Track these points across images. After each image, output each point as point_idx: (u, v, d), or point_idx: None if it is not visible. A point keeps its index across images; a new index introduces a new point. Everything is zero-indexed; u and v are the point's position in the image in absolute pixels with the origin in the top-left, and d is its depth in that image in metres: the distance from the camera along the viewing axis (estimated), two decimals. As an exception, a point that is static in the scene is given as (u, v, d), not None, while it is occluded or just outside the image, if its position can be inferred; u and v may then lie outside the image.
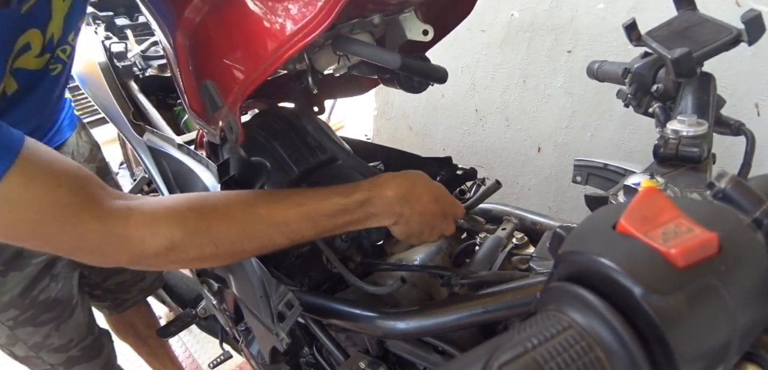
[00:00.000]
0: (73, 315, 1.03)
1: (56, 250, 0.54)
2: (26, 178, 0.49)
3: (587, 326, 0.24)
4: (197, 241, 0.57)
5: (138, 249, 0.55)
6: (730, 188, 0.29)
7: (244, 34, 0.55)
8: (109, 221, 0.53)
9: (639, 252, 0.24)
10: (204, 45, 0.60)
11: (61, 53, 0.78)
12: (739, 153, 0.65)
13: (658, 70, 0.70)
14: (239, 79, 0.57)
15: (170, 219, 0.56)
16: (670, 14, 0.67)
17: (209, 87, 0.60)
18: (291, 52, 0.52)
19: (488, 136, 1.87)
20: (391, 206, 0.63)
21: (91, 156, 1.11)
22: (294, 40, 0.51)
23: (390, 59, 0.57)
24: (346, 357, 0.76)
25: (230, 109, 0.59)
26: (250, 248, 0.61)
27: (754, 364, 0.26)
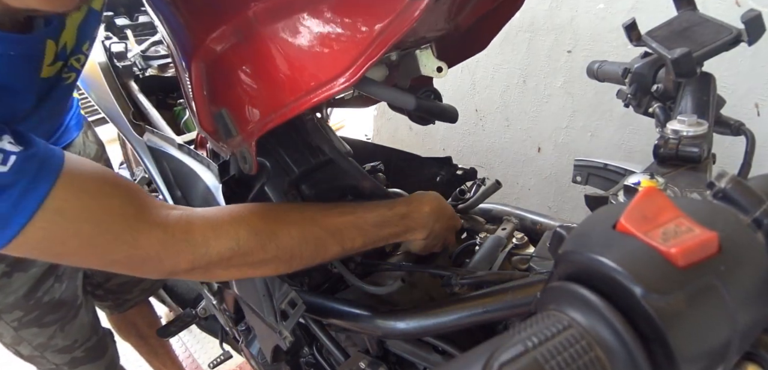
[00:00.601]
0: (78, 316, 1.03)
1: (110, 263, 0.53)
2: (77, 190, 0.49)
3: (587, 326, 0.24)
4: (261, 242, 0.58)
5: (202, 251, 0.55)
6: (730, 187, 0.29)
7: (269, 74, 0.55)
8: (169, 227, 0.53)
9: (639, 252, 0.24)
10: (223, 74, 0.59)
11: (74, 62, 0.78)
12: (739, 153, 0.65)
13: (658, 70, 0.70)
14: (258, 115, 0.57)
15: (235, 221, 0.57)
16: (670, 14, 0.67)
17: (224, 115, 0.59)
18: (315, 101, 0.52)
19: (488, 136, 1.87)
20: (426, 220, 0.67)
21: (96, 156, 1.11)
22: (319, 92, 0.51)
23: (406, 101, 0.60)
24: (346, 357, 0.76)
25: (245, 140, 0.59)
26: (307, 255, 0.62)
27: (755, 363, 0.26)
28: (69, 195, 0.48)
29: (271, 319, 0.71)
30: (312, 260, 0.63)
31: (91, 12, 0.74)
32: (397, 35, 0.46)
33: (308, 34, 0.51)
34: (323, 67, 0.51)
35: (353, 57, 0.48)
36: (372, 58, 0.47)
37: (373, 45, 0.47)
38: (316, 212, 0.63)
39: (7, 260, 0.86)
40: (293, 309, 0.70)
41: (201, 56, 0.58)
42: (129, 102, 1.16)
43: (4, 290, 0.88)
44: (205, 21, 0.56)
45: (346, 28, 0.49)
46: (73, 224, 0.48)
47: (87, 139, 1.09)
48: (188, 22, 0.59)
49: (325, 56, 0.51)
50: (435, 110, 0.64)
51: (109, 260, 0.52)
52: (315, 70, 0.52)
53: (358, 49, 0.48)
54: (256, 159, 0.61)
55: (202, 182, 0.85)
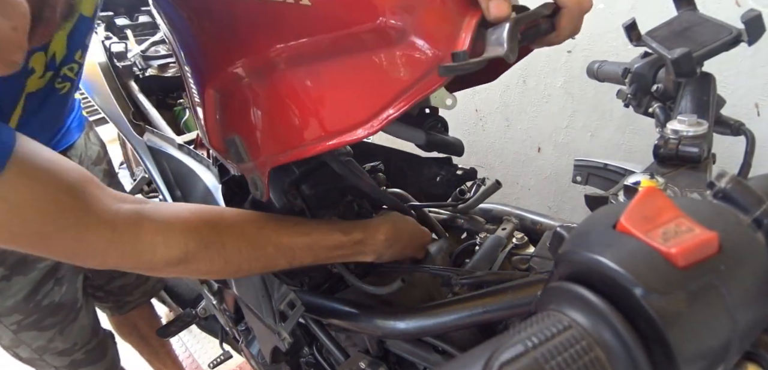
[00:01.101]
0: (77, 319, 1.02)
1: (53, 253, 0.52)
2: (25, 177, 0.47)
3: (587, 326, 0.24)
4: (209, 254, 0.57)
5: (148, 257, 0.54)
6: (730, 187, 0.29)
7: (287, 114, 0.54)
8: (117, 226, 0.52)
9: (639, 252, 0.24)
10: (239, 103, 0.58)
11: (68, 72, 0.76)
12: (739, 153, 0.65)
13: (658, 70, 0.70)
14: (272, 149, 0.56)
15: (185, 230, 0.56)
16: (670, 14, 0.67)
17: (237, 142, 0.59)
18: (331, 146, 0.51)
19: (488, 136, 1.87)
20: (378, 247, 0.68)
21: (98, 158, 1.10)
22: (337, 138, 0.51)
23: (415, 137, 0.61)
24: (346, 357, 0.76)
25: (257, 167, 0.59)
26: (255, 268, 0.63)
27: (755, 363, 0.26)
28: (17, 182, 0.46)
29: (270, 320, 0.71)
30: (260, 272, 0.65)
31: (82, 19, 0.73)
32: (422, 95, 0.46)
33: (331, 83, 0.50)
34: (344, 115, 0.50)
35: (375, 110, 0.48)
36: (393, 114, 0.47)
37: (396, 101, 0.47)
38: (271, 229, 0.63)
39: (7, 263, 0.85)
40: (292, 310, 0.70)
41: (217, 83, 0.58)
42: (129, 102, 1.16)
43: (4, 294, 0.87)
44: (226, 52, 0.55)
45: (369, 81, 0.48)
46: (19, 211, 0.47)
47: (89, 140, 1.08)
48: (207, 49, 0.58)
49: (346, 105, 0.50)
50: (443, 145, 0.66)
51: (55, 251, 0.51)
52: (335, 117, 0.51)
53: (381, 103, 0.48)
54: (268, 188, 0.60)
55: (201, 183, 0.85)
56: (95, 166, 1.09)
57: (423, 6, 0.45)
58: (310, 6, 0.46)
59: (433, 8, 0.45)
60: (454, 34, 0.45)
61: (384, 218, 0.72)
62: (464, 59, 0.41)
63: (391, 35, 0.45)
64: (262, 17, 0.50)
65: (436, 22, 0.45)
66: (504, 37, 0.41)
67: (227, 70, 0.56)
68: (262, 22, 0.50)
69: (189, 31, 0.58)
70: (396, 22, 0.44)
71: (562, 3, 0.48)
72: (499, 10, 0.43)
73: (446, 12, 0.45)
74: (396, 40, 0.45)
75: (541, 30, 0.49)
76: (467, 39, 0.44)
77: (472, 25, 0.44)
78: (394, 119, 0.47)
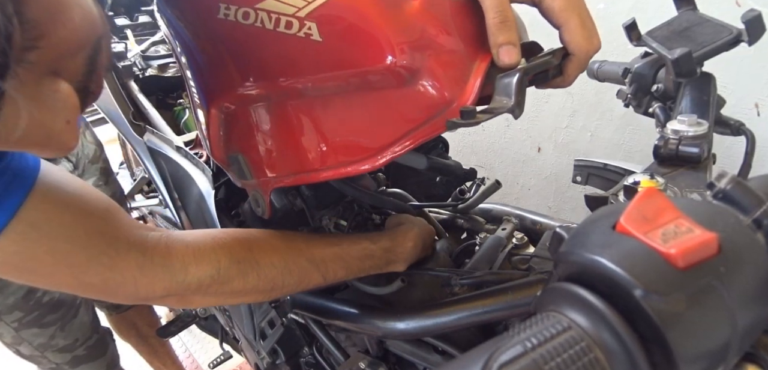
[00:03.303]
0: (78, 315, 1.03)
1: (84, 286, 0.49)
2: (53, 204, 0.46)
3: (587, 327, 0.24)
4: (242, 270, 0.56)
5: (180, 278, 0.53)
6: (731, 188, 0.29)
7: (292, 141, 0.53)
8: (147, 249, 0.51)
9: (639, 252, 0.24)
10: (244, 124, 0.57)
11: None
12: (740, 153, 0.65)
13: (658, 70, 0.70)
14: (276, 171, 0.56)
15: (217, 248, 0.55)
16: (670, 14, 0.67)
17: (240, 160, 0.58)
18: (336, 176, 0.51)
19: (488, 136, 1.87)
20: (409, 255, 0.68)
21: (95, 156, 1.12)
22: (341, 170, 0.51)
23: (417, 162, 0.61)
24: (346, 357, 0.76)
25: (260, 186, 0.59)
26: (290, 284, 0.60)
27: (754, 364, 0.26)
28: (44, 208, 0.45)
29: (251, 336, 0.71)
30: (293, 290, 0.62)
31: None
32: (427, 137, 0.46)
33: (339, 116, 0.50)
34: (349, 148, 0.50)
35: (380, 146, 0.48)
36: (398, 152, 0.47)
37: (401, 140, 0.47)
38: (301, 242, 0.62)
39: None
40: (272, 330, 0.69)
41: (222, 102, 0.57)
42: (129, 102, 1.16)
43: (4, 292, 0.88)
44: (233, 75, 0.54)
45: (377, 118, 0.48)
46: (48, 239, 0.45)
47: (85, 139, 1.09)
48: (213, 68, 0.57)
49: (352, 139, 0.50)
50: (444, 169, 0.66)
51: (84, 283, 0.49)
52: (340, 149, 0.51)
53: (387, 140, 0.48)
54: (269, 206, 0.60)
55: (196, 187, 0.85)
56: (92, 164, 1.10)
57: (434, 49, 0.45)
58: (321, 42, 0.46)
59: (444, 51, 0.45)
60: (464, 78, 0.45)
61: (408, 226, 0.71)
62: (472, 117, 0.40)
63: (402, 76, 0.45)
64: (272, 48, 0.49)
65: (446, 66, 0.45)
66: (512, 89, 0.41)
67: (233, 92, 0.55)
68: (272, 53, 0.50)
69: (195, 48, 0.57)
70: (407, 63, 0.44)
71: (572, 50, 0.47)
72: (509, 58, 0.44)
73: (457, 55, 0.46)
74: (405, 81, 0.45)
75: (549, 76, 0.49)
76: (476, 85, 0.44)
77: (482, 70, 0.45)
78: (400, 156, 0.48)
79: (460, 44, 0.46)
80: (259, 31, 0.48)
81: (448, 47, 0.45)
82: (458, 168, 0.68)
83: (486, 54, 0.45)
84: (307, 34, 0.46)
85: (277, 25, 0.46)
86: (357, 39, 0.45)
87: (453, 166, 0.67)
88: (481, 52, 0.46)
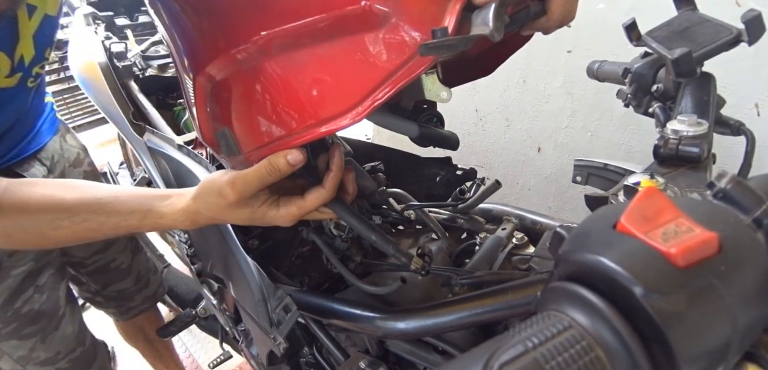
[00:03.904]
0: (60, 327, 1.00)
1: None
2: None
3: (588, 326, 0.24)
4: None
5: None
6: (731, 187, 0.29)
7: (273, 104, 0.54)
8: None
9: (639, 252, 0.24)
10: (228, 95, 0.58)
11: (38, 69, 0.78)
12: (739, 153, 0.65)
13: (658, 70, 0.70)
14: (261, 141, 0.56)
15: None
16: (670, 14, 0.67)
17: (227, 135, 0.59)
18: (318, 135, 0.51)
19: (488, 136, 1.87)
20: (178, 212, 0.63)
21: (77, 160, 1.09)
22: (324, 127, 0.51)
23: (408, 129, 0.60)
24: (346, 357, 0.76)
25: (247, 159, 0.59)
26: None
27: (755, 363, 0.26)
28: None
29: (266, 325, 0.71)
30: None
31: (46, 19, 0.73)
32: (407, 79, 0.45)
33: (317, 68, 0.50)
34: (330, 101, 0.50)
35: (360, 96, 0.48)
36: (379, 98, 0.47)
37: (382, 85, 0.47)
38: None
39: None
40: (287, 315, 0.69)
41: (206, 75, 0.58)
42: (129, 102, 1.16)
43: None
44: (214, 41, 0.55)
45: (355, 65, 0.48)
46: None
47: (65, 142, 1.06)
48: (197, 38, 0.58)
49: (332, 91, 0.50)
50: (437, 138, 0.64)
51: None
52: (321, 104, 0.51)
53: (366, 89, 0.47)
54: None
55: (200, 182, 0.85)
56: (74, 168, 1.07)
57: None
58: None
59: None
60: (439, 17, 0.44)
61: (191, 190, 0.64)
62: (444, 35, 0.40)
63: (376, 18, 0.45)
64: (246, 3, 0.50)
65: (420, 5, 0.44)
66: (489, 16, 0.40)
67: (215, 60, 0.56)
68: (247, 7, 0.50)
69: (181, 23, 0.58)
70: (380, 5, 0.44)
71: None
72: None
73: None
74: (380, 23, 0.45)
75: (531, 13, 0.48)
76: (452, 22, 0.43)
77: (458, 8, 0.43)
78: (380, 104, 0.47)
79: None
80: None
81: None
82: (453, 139, 0.66)
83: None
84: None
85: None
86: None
87: (448, 136, 0.66)
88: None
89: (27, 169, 0.92)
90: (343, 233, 0.75)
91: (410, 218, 0.86)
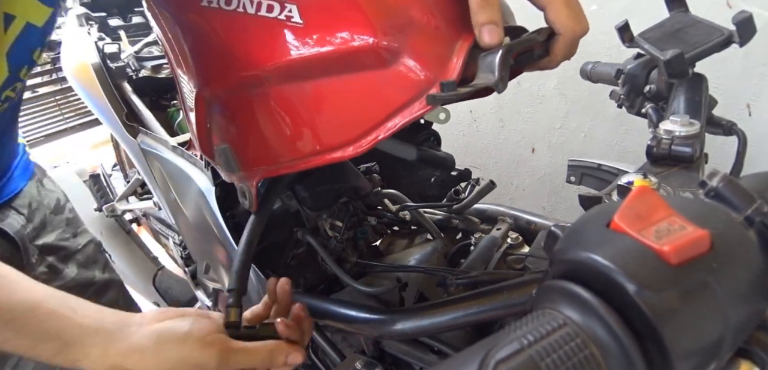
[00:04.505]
0: None
1: None
2: None
3: (582, 323, 0.24)
4: None
5: None
6: (722, 186, 0.30)
7: (277, 129, 0.54)
8: None
9: (632, 250, 0.25)
10: (230, 114, 0.58)
11: (10, 93, 0.64)
12: (731, 153, 0.65)
13: (651, 71, 0.70)
14: (261, 162, 0.56)
15: None
16: (662, 16, 0.68)
17: (227, 152, 0.58)
18: (321, 163, 0.51)
19: (482, 136, 1.88)
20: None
21: (58, 207, 0.96)
22: (327, 155, 0.51)
23: (406, 152, 0.59)
24: (342, 358, 0.76)
25: (246, 178, 0.59)
26: None
27: (748, 360, 0.27)
28: None
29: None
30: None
31: (28, 30, 0.60)
32: (411, 118, 0.45)
33: (323, 99, 0.51)
34: (333, 132, 0.50)
35: (365, 129, 0.48)
36: (383, 134, 0.47)
37: (385, 123, 0.47)
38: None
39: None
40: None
41: (209, 92, 0.57)
42: (122, 103, 1.16)
43: None
44: (219, 64, 0.55)
45: (362, 100, 0.48)
46: None
47: (43, 188, 0.94)
48: (201, 58, 0.58)
49: (336, 123, 0.50)
50: (434, 161, 0.65)
51: None
52: (324, 134, 0.51)
53: (372, 122, 0.48)
54: (256, 199, 0.60)
55: (195, 185, 0.85)
56: (56, 215, 0.95)
57: (416, 28, 0.45)
58: (302, 24, 0.46)
59: (426, 31, 0.45)
60: (447, 58, 0.45)
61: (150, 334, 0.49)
62: (452, 89, 0.40)
63: (384, 56, 0.45)
64: (255, 33, 0.50)
65: (428, 45, 0.45)
66: (495, 65, 0.40)
67: (220, 82, 0.56)
68: (255, 37, 0.50)
69: (183, 39, 0.58)
70: (389, 43, 0.44)
71: (557, 29, 0.46)
72: (491, 38, 0.42)
73: (439, 35, 0.45)
74: (388, 61, 0.45)
75: (535, 56, 0.48)
76: (459, 64, 0.44)
77: (465, 50, 0.44)
78: (383, 140, 0.47)
79: (442, 24, 0.45)
80: (241, 17, 0.49)
81: (430, 27, 0.45)
82: (450, 160, 0.67)
83: (469, 34, 0.45)
84: (288, 17, 0.46)
85: (259, 9, 0.47)
86: (337, 20, 0.45)
87: (444, 158, 0.67)
88: (463, 32, 0.45)
89: (2, 220, 0.79)
90: (339, 234, 0.75)
91: (405, 218, 0.86)
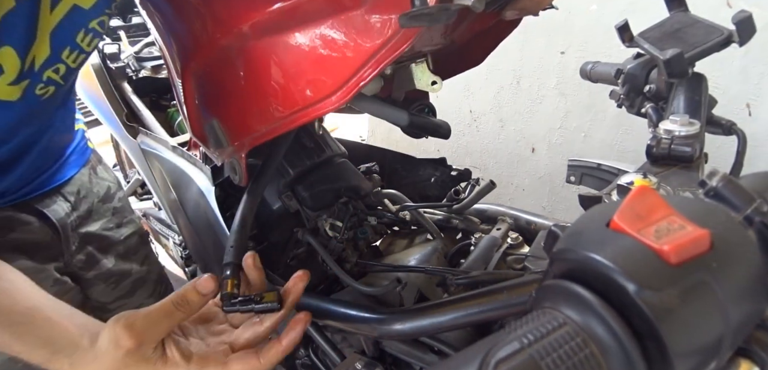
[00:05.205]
0: None
1: None
2: None
3: (582, 323, 0.24)
4: None
5: None
6: (722, 186, 0.30)
7: (260, 90, 0.54)
8: None
9: (632, 249, 0.25)
10: (215, 85, 0.58)
11: (52, 74, 0.64)
12: (731, 153, 0.65)
13: (651, 70, 0.70)
14: (248, 129, 0.56)
15: None
16: (662, 16, 0.68)
17: (215, 126, 0.59)
18: (305, 120, 0.51)
19: (482, 137, 1.88)
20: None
21: (107, 195, 0.96)
22: (310, 111, 0.51)
23: (398, 118, 0.59)
24: (342, 358, 0.76)
25: (236, 151, 0.59)
26: None
27: (747, 359, 0.27)
28: None
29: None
30: None
31: (74, 11, 0.61)
32: (390, 57, 0.45)
33: (301, 52, 0.51)
34: (315, 85, 0.50)
35: (345, 77, 0.48)
36: (364, 79, 0.47)
37: (365, 66, 0.47)
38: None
39: None
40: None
41: (194, 66, 0.58)
42: (122, 104, 1.16)
43: None
44: (200, 30, 0.55)
45: (339, 47, 0.48)
46: None
47: (95, 176, 0.94)
48: (185, 29, 0.58)
49: (316, 74, 0.50)
50: (428, 127, 0.64)
51: None
52: (306, 88, 0.51)
53: (351, 69, 0.47)
54: (246, 171, 0.60)
55: (195, 185, 0.85)
56: (104, 204, 0.95)
57: None
58: None
59: None
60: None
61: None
62: (423, 4, 0.39)
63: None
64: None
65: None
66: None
67: (203, 49, 0.56)
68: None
69: (170, 15, 0.58)
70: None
71: None
72: None
73: None
74: (361, 2, 0.45)
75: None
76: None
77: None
78: (365, 85, 0.47)
79: None
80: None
81: None
82: (445, 127, 0.65)
83: None
84: None
85: None
86: None
87: (438, 124, 0.65)
88: None
89: (47, 205, 0.81)
90: (339, 234, 0.75)
91: (405, 218, 0.86)
